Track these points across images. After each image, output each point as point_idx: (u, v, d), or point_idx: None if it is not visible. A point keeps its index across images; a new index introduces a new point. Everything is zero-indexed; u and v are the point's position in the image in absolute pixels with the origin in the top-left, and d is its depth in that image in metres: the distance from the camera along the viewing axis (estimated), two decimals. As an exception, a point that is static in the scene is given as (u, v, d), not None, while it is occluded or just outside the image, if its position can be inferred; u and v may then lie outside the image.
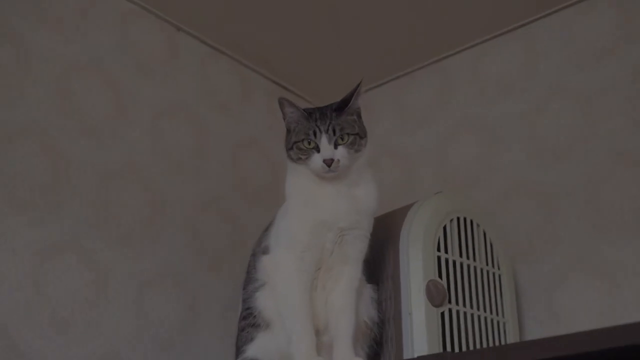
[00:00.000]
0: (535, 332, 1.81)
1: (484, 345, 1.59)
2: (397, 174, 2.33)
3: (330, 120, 1.49)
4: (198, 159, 2.10)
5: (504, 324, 1.73)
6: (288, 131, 1.56)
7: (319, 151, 1.47)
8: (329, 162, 1.45)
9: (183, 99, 2.11)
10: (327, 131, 1.47)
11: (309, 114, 1.52)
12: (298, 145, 1.50)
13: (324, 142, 1.47)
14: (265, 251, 1.56)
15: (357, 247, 1.52)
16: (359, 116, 1.56)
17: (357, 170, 1.54)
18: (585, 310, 1.77)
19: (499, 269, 1.76)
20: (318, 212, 1.49)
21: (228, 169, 2.18)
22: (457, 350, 1.54)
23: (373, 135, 1.62)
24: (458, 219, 1.69)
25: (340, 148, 1.48)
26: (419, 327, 1.51)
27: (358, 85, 1.52)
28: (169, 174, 2.00)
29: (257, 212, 2.16)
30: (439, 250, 1.62)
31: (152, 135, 2.00)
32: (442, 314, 1.57)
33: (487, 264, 1.73)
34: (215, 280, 2.01)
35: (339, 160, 1.47)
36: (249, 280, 1.60)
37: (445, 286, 1.58)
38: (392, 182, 2.31)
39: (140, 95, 1.99)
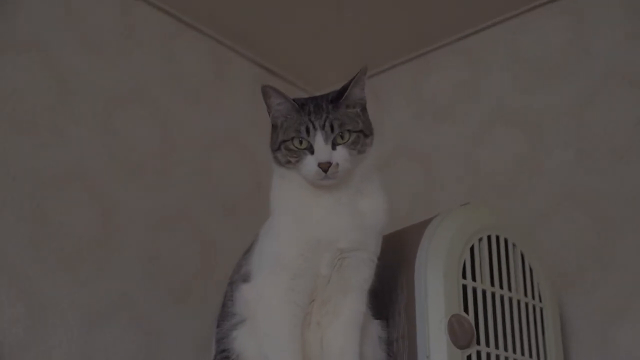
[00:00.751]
0: (587, 380, 1.80)
1: (522, 398, 1.60)
2: (413, 180, 2.34)
3: (327, 113, 1.51)
4: (160, 161, 2.10)
5: (548, 370, 1.73)
6: (274, 127, 1.57)
7: (312, 152, 1.49)
8: (325, 167, 1.48)
9: (141, 84, 2.11)
10: (323, 127, 1.49)
11: (301, 105, 1.53)
12: (287, 146, 1.51)
13: (319, 141, 1.49)
14: (246, 279, 1.56)
15: (361, 274, 1.54)
16: (364, 109, 1.57)
17: (362, 175, 1.56)
18: (649, 352, 1.76)
19: (540, 300, 1.76)
20: (312, 229, 1.51)
21: (198, 174, 2.18)
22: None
23: (383, 130, 1.70)
24: (489, 237, 1.69)
25: (339, 149, 1.50)
26: (440, 375, 1.52)
27: (360, 72, 1.54)
28: (122, 179, 2.00)
29: (235, 229, 2.16)
30: (464, 277, 1.62)
31: (102, 131, 1.99)
32: (469, 357, 1.56)
33: (525, 295, 1.72)
34: (182, 315, 2.00)
35: (337, 164, 1.49)
36: (225, 316, 1.59)
37: (473, 323, 1.58)
38: (407, 190, 2.31)
39: (87, 79, 1.99)
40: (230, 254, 1.76)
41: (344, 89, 1.53)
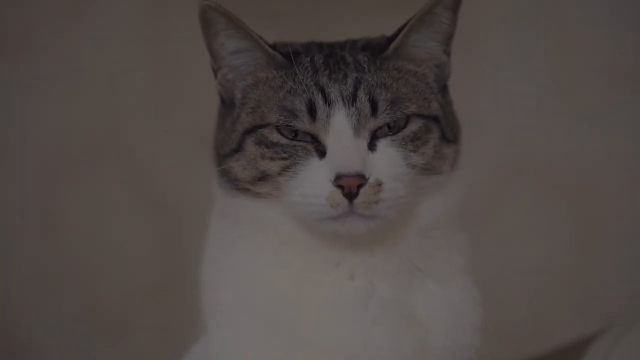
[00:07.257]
0: None
1: None
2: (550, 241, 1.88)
3: (357, 72, 1.10)
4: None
5: None
6: (228, 105, 1.13)
7: (324, 154, 1.07)
8: (352, 185, 1.04)
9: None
10: (350, 100, 1.07)
11: (295, 55, 1.13)
12: (262, 137, 1.09)
13: (340, 127, 1.07)
14: None
15: None
16: (442, 83, 1.14)
17: (428, 228, 1.10)
18: None
19: None
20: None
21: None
22: None
23: (485, 126, 1.55)
24: None
25: (384, 148, 1.08)
26: None
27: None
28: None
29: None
30: None
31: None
32: None
33: None
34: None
35: (381, 184, 1.05)
36: None
37: None
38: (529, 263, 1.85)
39: None
40: None
41: (398, 31, 1.13)
